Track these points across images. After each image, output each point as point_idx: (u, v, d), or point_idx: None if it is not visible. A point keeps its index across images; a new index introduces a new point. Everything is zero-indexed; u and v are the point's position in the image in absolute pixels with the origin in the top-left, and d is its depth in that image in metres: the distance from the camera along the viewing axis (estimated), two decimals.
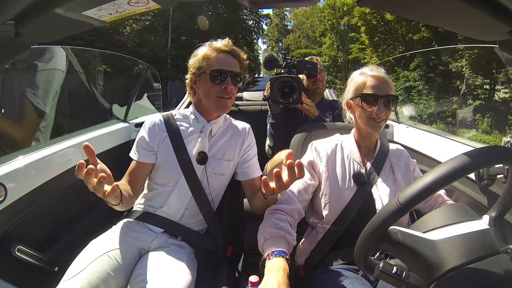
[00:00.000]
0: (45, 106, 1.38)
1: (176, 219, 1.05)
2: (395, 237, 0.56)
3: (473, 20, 0.45)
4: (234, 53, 1.06)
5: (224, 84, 1.01)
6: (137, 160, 1.05)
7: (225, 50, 1.04)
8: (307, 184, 1.00)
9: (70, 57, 1.59)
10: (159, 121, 1.08)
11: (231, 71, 1.03)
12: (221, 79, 1.01)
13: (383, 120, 0.99)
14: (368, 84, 0.98)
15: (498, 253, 0.54)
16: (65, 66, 1.51)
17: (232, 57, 1.05)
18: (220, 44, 1.05)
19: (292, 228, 0.90)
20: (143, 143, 1.06)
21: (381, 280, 0.62)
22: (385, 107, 0.97)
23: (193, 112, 1.10)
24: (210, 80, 1.01)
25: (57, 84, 1.46)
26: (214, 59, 1.02)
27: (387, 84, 0.98)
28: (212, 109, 1.06)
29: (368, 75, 0.99)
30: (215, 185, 1.09)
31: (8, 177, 0.97)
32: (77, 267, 0.83)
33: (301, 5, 0.47)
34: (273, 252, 0.78)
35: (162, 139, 1.06)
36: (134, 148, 1.07)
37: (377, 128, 0.99)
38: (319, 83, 1.77)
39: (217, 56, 1.02)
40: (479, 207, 1.04)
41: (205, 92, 1.04)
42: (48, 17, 0.44)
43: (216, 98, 1.02)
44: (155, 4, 0.47)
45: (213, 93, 1.02)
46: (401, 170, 1.03)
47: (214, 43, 1.06)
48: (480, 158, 0.55)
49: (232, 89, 1.04)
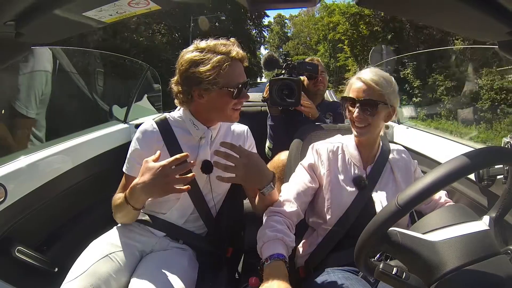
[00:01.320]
0: (28, 110, 1.37)
1: (179, 224, 1.03)
2: (395, 238, 0.56)
3: (473, 21, 0.45)
4: (244, 59, 0.96)
5: (241, 97, 0.94)
6: (130, 175, 0.96)
7: (241, 58, 0.94)
8: (307, 187, 1.00)
9: (59, 58, 1.59)
10: (154, 129, 0.98)
11: (246, 82, 0.95)
12: (243, 92, 0.94)
13: (368, 126, 0.95)
14: (353, 87, 0.97)
15: (498, 254, 0.54)
16: (52, 67, 1.50)
17: (242, 64, 0.96)
18: (235, 52, 0.91)
19: (290, 230, 0.89)
20: (137, 156, 0.96)
21: (381, 281, 0.62)
22: (362, 111, 0.93)
23: (189, 119, 0.99)
24: (232, 96, 0.91)
25: (41, 86, 1.44)
26: (232, 70, 0.90)
27: (371, 88, 0.92)
28: (221, 120, 1.01)
29: (357, 77, 0.98)
30: (219, 190, 1.07)
31: (8, 177, 0.97)
32: (79, 269, 0.83)
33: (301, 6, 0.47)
34: (271, 256, 0.77)
35: (159, 149, 0.94)
36: (126, 161, 0.98)
37: (360, 133, 0.97)
38: (320, 84, 1.77)
39: (233, 67, 0.90)
40: (479, 208, 1.03)
41: (217, 105, 0.93)
42: (48, 18, 0.44)
43: (231, 111, 0.95)
44: (155, 5, 0.47)
45: (230, 107, 0.94)
46: (401, 172, 1.03)
47: (224, 49, 0.90)
48: (480, 159, 0.55)
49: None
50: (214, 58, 0.88)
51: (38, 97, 1.42)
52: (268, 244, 0.81)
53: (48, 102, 1.50)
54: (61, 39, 0.57)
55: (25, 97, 1.37)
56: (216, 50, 0.89)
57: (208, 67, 0.87)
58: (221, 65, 0.87)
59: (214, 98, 0.92)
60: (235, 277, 1.15)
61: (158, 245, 0.99)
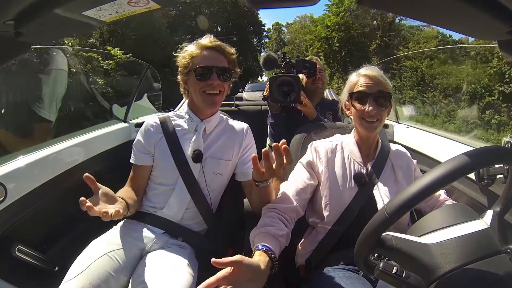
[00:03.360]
0: (50, 114, 1.37)
1: (177, 220, 1.05)
2: (389, 243, 0.57)
3: (473, 20, 0.45)
4: (219, 49, 1.06)
5: (210, 80, 1.02)
6: (134, 163, 1.08)
7: (210, 46, 1.05)
8: (306, 184, 1.00)
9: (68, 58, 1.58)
10: (155, 123, 1.10)
11: (217, 66, 1.03)
12: (207, 76, 1.02)
13: (378, 120, 0.97)
14: (359, 82, 0.98)
15: (498, 253, 0.54)
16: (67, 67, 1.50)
17: (217, 52, 1.05)
18: (205, 41, 1.05)
19: (284, 223, 0.87)
20: (140, 146, 1.08)
21: (381, 280, 0.63)
22: (376, 104, 0.95)
23: (187, 112, 1.11)
24: (196, 78, 1.03)
25: (61, 89, 1.44)
26: (199, 56, 1.03)
27: (379, 81, 0.97)
28: (201, 106, 1.07)
29: (361, 74, 0.99)
30: (214, 185, 1.09)
31: (8, 177, 0.97)
32: (78, 268, 0.83)
33: (301, 5, 0.47)
34: (256, 247, 0.75)
35: (158, 140, 1.07)
36: (132, 152, 1.09)
37: (371, 128, 0.98)
38: (318, 82, 1.77)
39: (202, 53, 1.04)
40: (479, 207, 1.03)
41: (193, 89, 1.06)
42: (48, 17, 0.44)
43: (202, 94, 1.04)
44: (155, 5, 0.47)
45: (199, 89, 1.03)
46: (402, 170, 1.03)
47: (199, 41, 1.06)
48: (480, 159, 0.55)
49: (219, 84, 1.04)
50: (191, 49, 1.05)
51: (59, 99, 1.43)
52: (256, 238, 0.80)
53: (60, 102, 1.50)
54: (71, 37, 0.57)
55: (48, 101, 1.37)
56: (196, 44, 1.06)
57: (185, 56, 1.05)
58: (193, 53, 1.04)
59: (191, 83, 1.05)
60: None
61: (157, 242, 1.00)
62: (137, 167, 1.08)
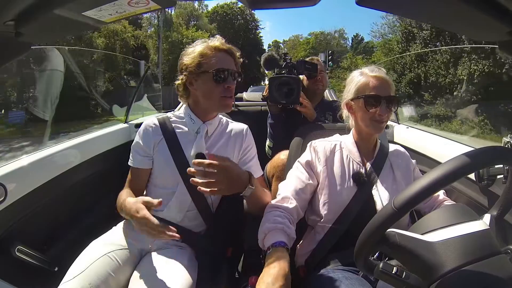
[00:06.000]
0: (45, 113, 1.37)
1: (177, 221, 1.03)
2: (393, 239, 0.56)
3: (473, 20, 0.45)
4: (231, 52, 1.05)
5: (226, 83, 1.00)
6: (133, 166, 1.05)
7: (223, 48, 1.03)
8: (305, 184, 1.00)
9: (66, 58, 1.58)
10: (154, 124, 1.06)
11: (232, 70, 1.02)
12: (224, 79, 1.00)
13: (385, 121, 0.99)
14: (371, 85, 0.98)
15: (498, 254, 0.54)
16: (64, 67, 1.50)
17: (229, 55, 1.04)
18: (218, 43, 1.02)
19: (291, 224, 0.89)
20: (138, 148, 1.05)
21: (381, 280, 0.62)
22: (387, 108, 0.97)
23: (188, 114, 1.08)
24: (214, 80, 0.99)
25: (56, 89, 1.45)
26: (214, 58, 1.00)
27: (388, 84, 0.98)
28: (214, 109, 1.06)
29: (370, 75, 0.99)
30: None
31: (8, 177, 0.98)
32: (78, 268, 0.83)
33: (300, 6, 0.47)
34: (273, 244, 0.77)
35: (157, 142, 1.04)
36: (130, 154, 1.06)
37: (380, 129, 1.00)
38: (319, 83, 1.77)
39: (217, 55, 1.01)
40: (479, 208, 1.03)
41: (206, 92, 1.02)
42: (48, 17, 0.44)
43: (220, 99, 1.01)
44: (155, 5, 0.47)
45: (217, 93, 1.00)
46: (401, 170, 1.03)
47: (210, 42, 1.03)
48: (479, 159, 0.55)
49: (233, 88, 1.03)
50: (203, 49, 1.01)
51: (54, 99, 1.43)
52: (269, 234, 0.81)
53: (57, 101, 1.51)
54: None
55: (42, 100, 1.37)
56: (207, 44, 1.02)
57: (195, 55, 1.00)
58: (206, 53, 1.00)
59: (202, 85, 1.01)
60: (235, 276, 1.15)
61: (157, 243, 0.99)
62: (136, 170, 1.05)
